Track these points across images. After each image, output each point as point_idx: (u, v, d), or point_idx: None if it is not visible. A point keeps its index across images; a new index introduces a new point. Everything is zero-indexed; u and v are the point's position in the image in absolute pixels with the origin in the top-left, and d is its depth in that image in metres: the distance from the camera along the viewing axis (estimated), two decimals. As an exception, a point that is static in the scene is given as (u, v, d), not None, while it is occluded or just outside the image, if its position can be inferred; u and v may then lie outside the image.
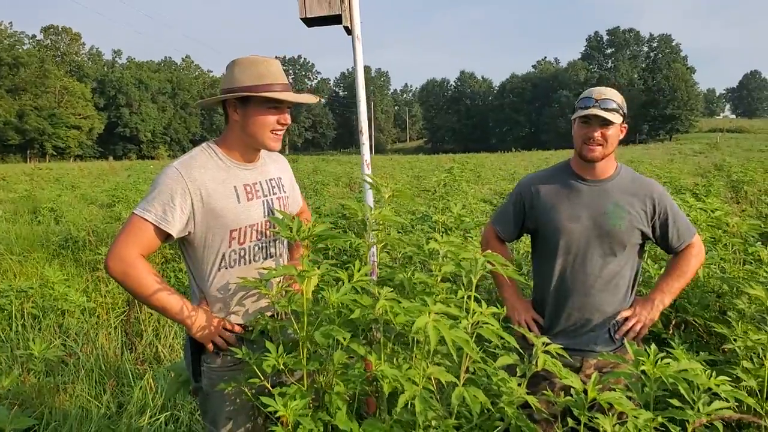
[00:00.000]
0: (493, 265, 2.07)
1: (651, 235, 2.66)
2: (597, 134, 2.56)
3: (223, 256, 2.30)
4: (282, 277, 2.20)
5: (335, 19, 3.24)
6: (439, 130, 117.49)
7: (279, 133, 2.36)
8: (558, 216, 2.65)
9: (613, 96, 2.60)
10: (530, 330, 2.69)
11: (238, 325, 2.31)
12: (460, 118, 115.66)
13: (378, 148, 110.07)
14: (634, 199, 2.62)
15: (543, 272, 2.74)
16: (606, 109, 2.54)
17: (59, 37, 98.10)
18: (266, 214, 2.39)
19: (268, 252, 2.40)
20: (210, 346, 2.28)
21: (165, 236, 2.21)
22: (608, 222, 2.58)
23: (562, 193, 2.69)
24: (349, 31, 3.27)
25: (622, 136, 2.67)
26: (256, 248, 2.35)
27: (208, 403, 2.34)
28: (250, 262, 2.34)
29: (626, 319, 2.64)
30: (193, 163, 2.26)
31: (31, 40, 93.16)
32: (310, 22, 3.27)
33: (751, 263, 4.35)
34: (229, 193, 2.29)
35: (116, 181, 20.58)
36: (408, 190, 13.45)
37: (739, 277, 3.91)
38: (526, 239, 5.31)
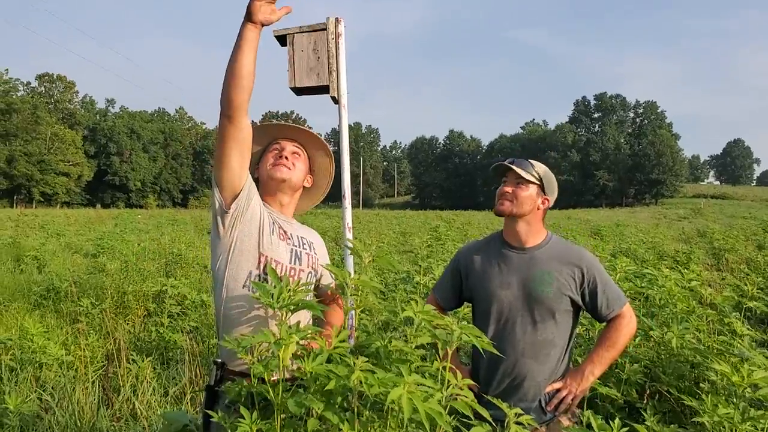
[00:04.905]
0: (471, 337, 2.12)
1: (581, 303, 2.69)
2: (507, 189, 2.70)
3: (249, 274, 2.40)
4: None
5: (323, 89, 3.36)
6: (427, 186, 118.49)
7: (279, 162, 2.57)
8: (489, 284, 2.72)
9: (533, 162, 2.76)
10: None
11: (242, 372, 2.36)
12: (448, 175, 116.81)
13: (366, 203, 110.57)
14: (563, 266, 2.67)
15: None
16: (519, 167, 2.70)
17: (53, 85, 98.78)
18: (292, 260, 2.51)
19: None
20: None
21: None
22: (536, 288, 2.63)
23: (493, 261, 2.76)
24: (336, 100, 3.39)
25: (543, 207, 2.77)
26: None
27: None
28: None
29: (557, 390, 2.66)
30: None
31: (25, 87, 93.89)
32: (299, 91, 3.39)
33: (726, 334, 4.42)
34: (270, 222, 2.48)
35: (102, 231, 20.51)
36: (392, 248, 13.51)
37: (714, 348, 3.97)
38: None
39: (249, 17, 2.21)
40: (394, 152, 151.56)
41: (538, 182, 2.73)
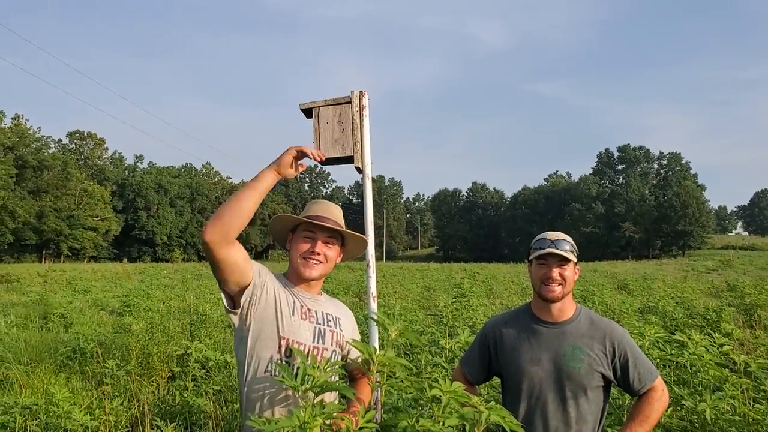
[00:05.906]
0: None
1: (612, 378, 2.65)
2: (555, 273, 2.67)
3: (271, 358, 2.41)
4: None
5: (348, 160, 3.42)
6: (450, 238, 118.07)
7: (310, 258, 2.55)
8: (519, 359, 2.69)
9: (566, 238, 2.73)
10: None
11: None
12: (471, 227, 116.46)
13: (389, 255, 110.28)
14: (594, 341, 2.64)
15: None
16: (562, 249, 2.66)
17: (84, 142, 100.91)
18: (315, 340, 2.51)
19: None
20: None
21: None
22: (567, 364, 2.60)
23: (522, 336, 2.74)
24: (360, 170, 3.43)
25: (576, 278, 2.75)
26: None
27: None
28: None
29: None
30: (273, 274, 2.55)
31: (56, 144, 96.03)
32: (325, 161, 3.45)
33: (762, 402, 4.30)
34: (289, 302, 2.49)
35: (128, 287, 20.64)
36: (416, 304, 13.38)
37: (750, 417, 3.85)
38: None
39: (276, 167, 2.37)
40: (417, 204, 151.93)
41: (575, 257, 2.72)
